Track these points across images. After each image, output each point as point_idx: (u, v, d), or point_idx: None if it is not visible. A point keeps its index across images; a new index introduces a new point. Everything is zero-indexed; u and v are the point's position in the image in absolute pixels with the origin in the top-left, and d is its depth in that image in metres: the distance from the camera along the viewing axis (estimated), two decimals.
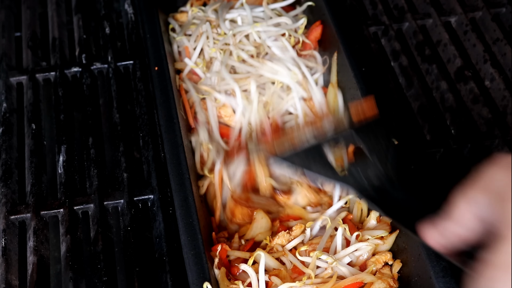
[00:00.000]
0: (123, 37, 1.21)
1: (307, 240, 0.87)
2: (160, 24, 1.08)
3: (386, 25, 1.23)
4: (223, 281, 0.80)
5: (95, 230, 0.95)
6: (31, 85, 1.14)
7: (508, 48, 1.16)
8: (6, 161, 1.03)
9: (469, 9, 1.25)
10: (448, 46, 1.19)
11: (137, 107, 1.09)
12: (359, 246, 0.84)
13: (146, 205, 0.98)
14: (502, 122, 1.07)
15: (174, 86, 1.01)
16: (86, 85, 1.13)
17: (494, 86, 1.13)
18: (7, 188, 1.00)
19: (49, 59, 1.19)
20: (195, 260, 0.78)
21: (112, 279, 0.91)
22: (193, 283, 0.76)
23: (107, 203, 0.98)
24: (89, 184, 1.00)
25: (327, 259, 0.81)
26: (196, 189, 0.89)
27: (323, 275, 0.81)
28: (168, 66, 1.00)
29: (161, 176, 0.99)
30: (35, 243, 0.93)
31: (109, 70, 1.15)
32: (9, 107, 1.11)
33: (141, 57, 1.15)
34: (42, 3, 1.29)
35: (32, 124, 1.08)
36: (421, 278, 0.79)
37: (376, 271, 0.84)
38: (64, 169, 1.02)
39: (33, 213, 0.96)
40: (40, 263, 0.92)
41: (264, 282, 0.79)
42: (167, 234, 0.92)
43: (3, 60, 1.17)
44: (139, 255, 0.92)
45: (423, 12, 1.26)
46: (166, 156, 0.89)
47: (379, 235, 0.86)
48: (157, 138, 1.03)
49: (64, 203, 0.97)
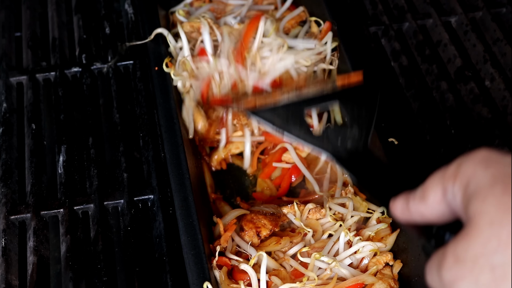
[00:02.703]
0: (123, 37, 1.21)
1: (309, 243, 0.87)
2: (160, 24, 1.08)
3: (386, 25, 1.23)
4: (224, 281, 0.80)
5: (95, 230, 0.95)
6: (31, 85, 1.14)
7: (508, 48, 1.16)
8: (6, 161, 1.03)
9: (469, 9, 1.25)
10: (448, 46, 1.19)
11: (137, 107, 1.09)
12: (359, 247, 0.84)
13: (146, 205, 0.98)
14: (502, 122, 1.07)
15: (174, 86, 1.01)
16: (86, 85, 1.13)
17: (494, 86, 1.13)
18: (7, 188, 0.99)
19: (49, 59, 1.19)
20: (195, 260, 0.78)
21: (112, 279, 0.91)
22: (193, 283, 0.76)
23: (107, 203, 0.98)
24: (89, 184, 1.00)
25: (328, 261, 0.81)
26: (196, 189, 0.89)
27: (323, 277, 0.81)
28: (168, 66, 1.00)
29: (161, 176, 0.98)
30: (35, 243, 0.93)
31: (109, 70, 1.15)
32: (9, 107, 1.10)
33: (141, 57, 1.15)
34: (42, 3, 1.29)
35: (32, 124, 1.08)
36: (421, 278, 0.79)
37: (377, 272, 0.84)
38: (64, 169, 1.02)
39: (33, 213, 0.96)
40: (40, 263, 0.92)
41: (265, 282, 0.80)
42: (167, 234, 0.92)
43: (3, 60, 1.17)
44: (139, 255, 0.92)
45: (423, 12, 1.26)
46: (166, 156, 0.89)
47: (379, 228, 0.86)
48: (157, 138, 1.03)
49: (64, 203, 0.97)
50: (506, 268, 0.44)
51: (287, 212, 0.90)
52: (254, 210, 0.89)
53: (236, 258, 0.83)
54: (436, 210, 0.53)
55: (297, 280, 0.81)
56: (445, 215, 0.53)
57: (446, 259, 0.48)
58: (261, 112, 0.86)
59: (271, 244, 0.85)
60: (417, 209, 0.55)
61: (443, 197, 0.52)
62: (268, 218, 0.86)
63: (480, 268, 0.45)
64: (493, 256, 0.45)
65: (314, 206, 0.90)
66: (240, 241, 0.85)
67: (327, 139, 0.81)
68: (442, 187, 0.51)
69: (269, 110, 0.86)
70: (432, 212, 0.53)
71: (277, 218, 0.87)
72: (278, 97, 0.92)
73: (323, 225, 0.89)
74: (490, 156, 0.50)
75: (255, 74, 1.00)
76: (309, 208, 0.90)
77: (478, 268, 0.45)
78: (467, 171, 0.49)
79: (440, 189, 0.52)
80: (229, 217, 0.88)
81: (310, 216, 0.90)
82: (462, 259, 0.47)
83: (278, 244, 0.85)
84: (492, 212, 0.46)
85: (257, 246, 0.85)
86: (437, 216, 0.53)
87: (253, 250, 0.84)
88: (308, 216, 0.90)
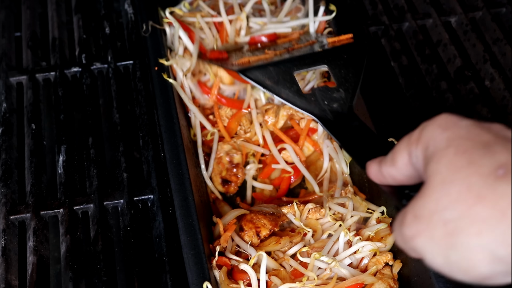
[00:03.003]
0: (123, 37, 1.21)
1: (308, 243, 0.87)
2: (160, 24, 1.08)
3: (386, 25, 1.23)
4: (224, 280, 0.80)
5: (95, 230, 0.94)
6: (31, 85, 1.14)
7: (508, 48, 1.16)
8: (6, 161, 1.03)
9: (469, 9, 1.25)
10: (448, 46, 1.19)
11: (137, 107, 1.09)
12: (359, 247, 0.84)
13: (146, 205, 0.98)
14: (502, 122, 1.06)
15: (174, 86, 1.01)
16: (86, 85, 1.13)
17: (494, 86, 1.13)
18: (7, 188, 0.99)
19: (49, 59, 1.19)
20: (195, 260, 0.78)
21: (112, 279, 0.91)
22: (193, 283, 0.76)
23: (107, 203, 0.98)
24: (89, 184, 1.00)
25: (328, 261, 0.81)
26: (196, 189, 0.89)
27: (323, 277, 0.81)
28: (168, 66, 1.00)
29: (161, 176, 0.98)
30: (35, 243, 0.93)
31: (109, 70, 1.15)
32: (9, 107, 1.10)
33: (141, 57, 1.15)
34: (42, 3, 1.29)
35: (32, 124, 1.08)
36: (421, 278, 0.79)
37: (376, 272, 0.84)
38: (64, 169, 1.02)
39: (33, 213, 0.96)
40: (40, 263, 0.92)
41: (265, 282, 0.79)
42: (167, 234, 0.92)
43: (3, 60, 1.17)
44: (139, 255, 0.92)
45: (423, 12, 1.26)
46: (166, 156, 0.89)
47: (379, 227, 0.86)
48: (157, 138, 1.03)
49: (64, 203, 0.97)
50: (457, 222, 0.47)
51: (286, 212, 0.90)
52: (253, 210, 0.89)
53: (236, 258, 0.83)
54: (404, 172, 0.57)
55: (296, 280, 0.81)
56: (413, 177, 0.56)
57: (406, 217, 0.52)
58: (252, 72, 0.90)
59: (271, 244, 0.85)
60: (388, 172, 0.59)
61: (409, 160, 0.55)
62: (267, 218, 0.86)
63: (434, 224, 0.49)
64: (445, 212, 0.48)
65: (314, 206, 0.90)
66: (240, 241, 0.85)
67: (314, 102, 0.85)
68: (408, 151, 0.55)
69: (260, 68, 0.90)
70: (401, 174, 0.58)
71: (277, 218, 0.87)
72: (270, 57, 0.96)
73: (323, 225, 0.89)
74: (449, 120, 0.54)
75: None
76: (309, 208, 0.90)
77: (433, 224, 0.49)
78: (427, 135, 0.53)
79: (406, 153, 0.56)
80: (229, 217, 0.88)
81: (310, 216, 0.90)
82: (419, 216, 0.50)
83: (278, 244, 0.85)
84: (444, 172, 0.49)
85: (256, 246, 0.85)
86: (406, 178, 0.57)
87: (252, 250, 0.84)
88: (307, 216, 0.90)
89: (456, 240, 0.47)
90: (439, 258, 0.49)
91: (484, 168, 0.47)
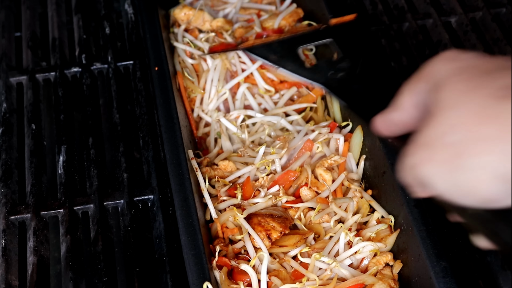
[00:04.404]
0: (123, 37, 1.21)
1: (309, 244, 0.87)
2: (160, 24, 1.08)
3: (386, 25, 1.23)
4: (224, 281, 0.80)
5: (95, 230, 0.94)
6: (31, 85, 1.13)
7: (508, 48, 1.16)
8: (6, 161, 1.03)
9: (469, 9, 1.25)
10: (448, 46, 1.18)
11: (137, 107, 1.09)
12: (360, 247, 0.84)
13: (146, 205, 0.98)
14: None
15: (174, 86, 1.01)
16: (86, 85, 1.13)
17: None
18: (7, 188, 0.99)
19: (49, 59, 1.19)
20: (195, 260, 0.78)
21: (112, 279, 0.91)
22: (193, 283, 0.76)
23: (107, 203, 0.98)
24: (89, 185, 1.00)
25: (328, 261, 0.81)
26: (196, 189, 0.89)
27: (324, 277, 0.81)
28: (168, 66, 1.00)
29: (161, 176, 0.98)
30: (35, 243, 0.93)
31: (109, 70, 1.15)
32: (9, 107, 1.10)
33: (141, 57, 1.15)
34: (42, 3, 1.29)
35: (32, 124, 1.08)
36: (421, 278, 0.79)
37: (377, 272, 0.84)
38: (64, 169, 1.02)
39: (33, 213, 0.96)
40: (40, 264, 0.92)
41: (265, 282, 0.79)
42: (167, 234, 0.92)
43: (3, 60, 1.17)
44: (139, 255, 0.92)
45: (423, 12, 1.26)
46: (166, 156, 0.89)
47: (380, 228, 0.86)
48: (157, 138, 1.03)
49: (64, 203, 0.97)
50: (460, 144, 0.48)
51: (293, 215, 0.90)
52: (260, 213, 0.88)
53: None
54: (409, 114, 0.57)
55: (297, 280, 0.81)
56: (416, 115, 0.56)
57: (409, 148, 0.53)
58: (257, 49, 0.94)
59: (290, 244, 0.85)
60: (393, 118, 0.60)
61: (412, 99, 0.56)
62: (276, 221, 0.85)
63: (437, 148, 0.49)
64: (447, 136, 0.49)
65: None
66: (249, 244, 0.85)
67: (319, 72, 0.88)
68: (411, 90, 0.56)
69: (264, 46, 0.94)
70: (406, 117, 0.58)
71: (286, 220, 0.86)
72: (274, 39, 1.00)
73: (324, 227, 0.89)
74: (452, 53, 0.55)
75: None
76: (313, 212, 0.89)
77: (436, 149, 0.50)
78: (432, 69, 0.54)
79: (409, 92, 0.57)
80: (224, 217, 0.88)
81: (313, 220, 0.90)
82: (422, 143, 0.51)
83: (296, 246, 0.84)
84: (446, 99, 0.50)
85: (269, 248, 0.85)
86: (411, 120, 0.57)
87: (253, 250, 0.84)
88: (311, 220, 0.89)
89: (459, 162, 0.48)
90: (444, 182, 0.50)
91: (485, 91, 0.48)
